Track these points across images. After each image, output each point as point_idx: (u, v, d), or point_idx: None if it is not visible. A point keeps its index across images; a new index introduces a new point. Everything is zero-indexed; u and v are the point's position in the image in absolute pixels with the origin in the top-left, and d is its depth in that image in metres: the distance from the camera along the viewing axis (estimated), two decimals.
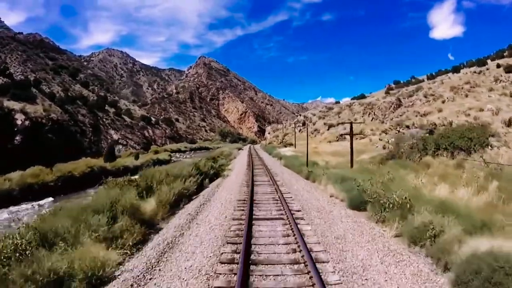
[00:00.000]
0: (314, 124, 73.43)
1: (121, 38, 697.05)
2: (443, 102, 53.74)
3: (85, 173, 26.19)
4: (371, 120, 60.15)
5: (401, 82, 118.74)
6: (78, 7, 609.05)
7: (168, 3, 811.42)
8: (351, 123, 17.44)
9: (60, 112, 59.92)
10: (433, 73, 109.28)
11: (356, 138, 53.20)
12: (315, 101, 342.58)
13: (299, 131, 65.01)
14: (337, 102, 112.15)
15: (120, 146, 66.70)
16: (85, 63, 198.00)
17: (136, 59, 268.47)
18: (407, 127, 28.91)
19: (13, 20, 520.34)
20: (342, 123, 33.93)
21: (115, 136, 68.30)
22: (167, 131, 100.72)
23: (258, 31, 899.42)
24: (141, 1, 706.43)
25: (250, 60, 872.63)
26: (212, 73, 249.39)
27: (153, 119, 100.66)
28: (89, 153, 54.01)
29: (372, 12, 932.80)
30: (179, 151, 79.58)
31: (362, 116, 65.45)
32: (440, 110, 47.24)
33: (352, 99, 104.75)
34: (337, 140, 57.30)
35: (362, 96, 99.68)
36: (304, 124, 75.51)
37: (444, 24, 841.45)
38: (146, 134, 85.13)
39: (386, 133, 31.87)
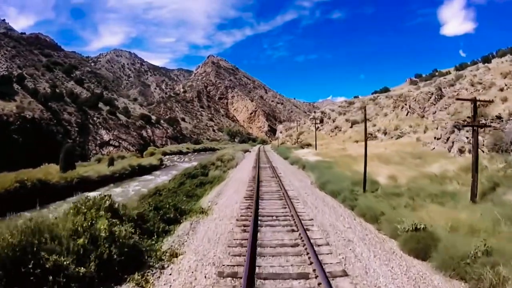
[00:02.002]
0: (333, 121, 63.07)
1: (130, 40, 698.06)
2: (501, 90, 43.05)
3: (8, 191, 17.40)
4: (406, 114, 49.78)
5: (423, 75, 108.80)
6: (87, 9, 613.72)
7: (176, 4, 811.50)
8: (474, 100, 7.78)
9: (41, 110, 52.30)
10: (461, 64, 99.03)
11: (392, 137, 42.88)
12: (326, 100, 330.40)
13: (317, 129, 55.03)
14: (356, 97, 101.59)
15: (111, 148, 58.53)
16: (92, 64, 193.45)
17: (145, 60, 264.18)
18: (498, 118, 18.90)
19: (23, 23, 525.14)
20: (459, 98, 19.78)
21: (106, 137, 60.17)
22: (168, 130, 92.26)
23: (267, 31, 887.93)
24: (149, 3, 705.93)
25: (259, 59, 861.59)
26: (221, 72, 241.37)
27: (153, 118, 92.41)
28: None
29: (382, 9, 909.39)
30: (179, 153, 71.04)
31: (393, 110, 55.13)
32: (504, 99, 36.69)
33: (373, 93, 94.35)
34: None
35: (386, 90, 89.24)
36: (322, 121, 65.29)
37: (455, 21, 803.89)
38: (144, 134, 76.81)
39: (459, 129, 21.88)
